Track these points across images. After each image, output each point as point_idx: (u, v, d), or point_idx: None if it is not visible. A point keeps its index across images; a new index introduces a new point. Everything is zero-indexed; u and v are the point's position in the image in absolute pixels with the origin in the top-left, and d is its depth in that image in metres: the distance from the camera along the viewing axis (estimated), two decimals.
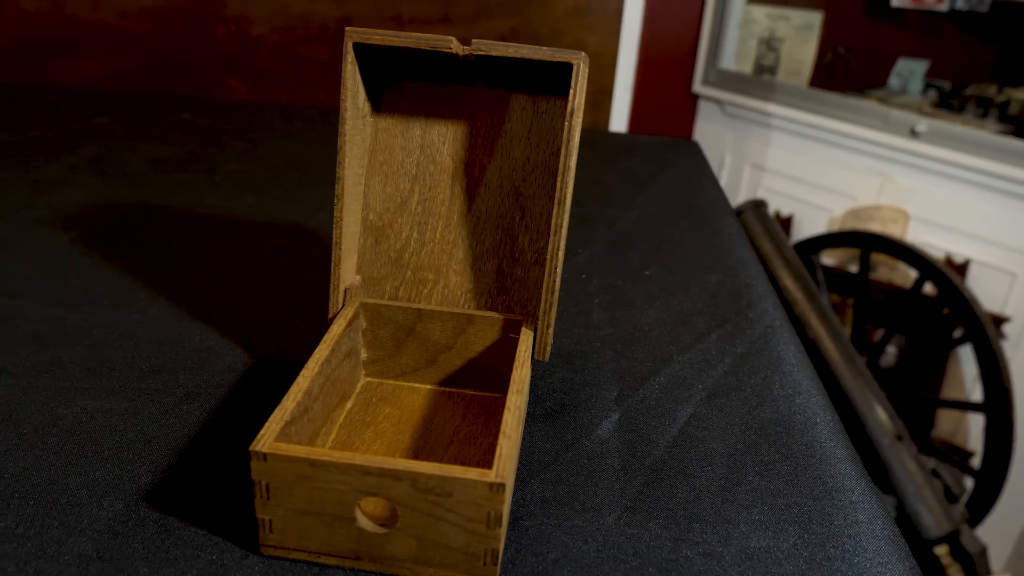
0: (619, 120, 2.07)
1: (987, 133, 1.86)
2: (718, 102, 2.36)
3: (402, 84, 0.49)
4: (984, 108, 2.07)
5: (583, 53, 0.44)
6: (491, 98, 0.49)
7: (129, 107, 1.12)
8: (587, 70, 0.45)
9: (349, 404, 0.49)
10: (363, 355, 0.51)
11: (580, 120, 0.44)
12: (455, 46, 0.44)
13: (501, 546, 0.37)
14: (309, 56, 1.57)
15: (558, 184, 0.45)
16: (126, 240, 0.72)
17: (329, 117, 1.17)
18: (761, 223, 1.83)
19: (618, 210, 0.87)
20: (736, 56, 2.40)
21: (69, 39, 1.54)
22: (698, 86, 2.39)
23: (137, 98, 1.16)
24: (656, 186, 0.95)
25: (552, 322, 0.48)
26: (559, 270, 0.46)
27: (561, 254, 0.46)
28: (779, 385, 0.56)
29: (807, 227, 2.21)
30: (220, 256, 0.70)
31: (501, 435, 0.37)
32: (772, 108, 2.21)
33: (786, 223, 2.24)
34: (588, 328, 0.62)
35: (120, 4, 1.48)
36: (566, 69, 0.44)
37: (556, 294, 0.47)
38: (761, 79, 2.33)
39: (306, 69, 1.58)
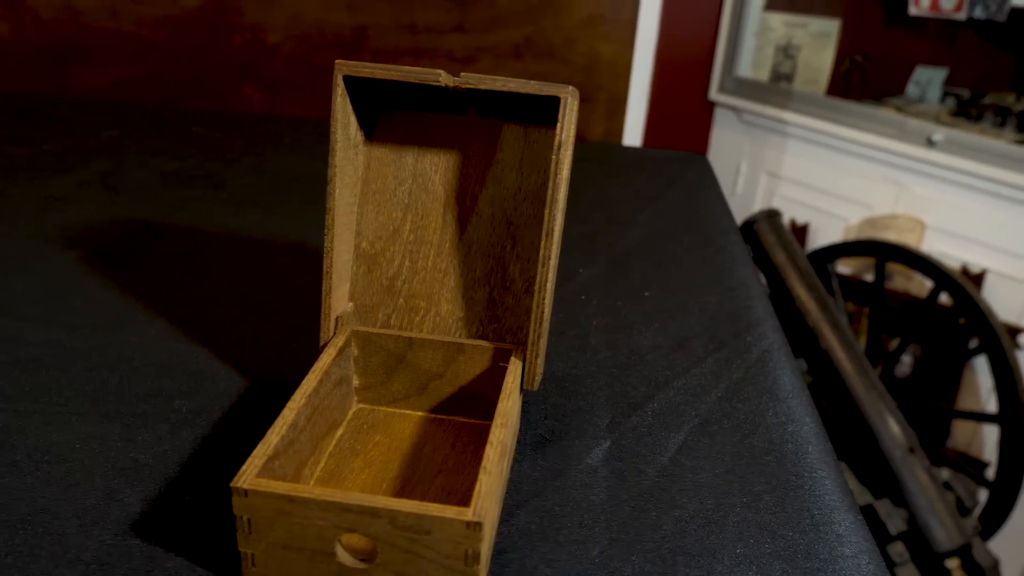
0: (634, 129, 2.06)
1: (1004, 143, 1.84)
2: (735, 110, 2.36)
3: (395, 113, 0.49)
4: (1002, 117, 2.05)
5: (571, 87, 0.44)
6: (483, 127, 0.49)
7: (140, 120, 1.13)
8: (576, 103, 0.45)
9: (340, 431, 0.49)
10: (355, 382, 0.51)
11: (569, 152, 0.45)
12: (444, 79, 0.44)
13: None
14: (324, 65, 1.58)
15: (546, 215, 0.45)
16: (130, 258, 0.73)
17: None
18: (775, 233, 1.83)
19: (622, 227, 0.87)
20: (753, 64, 2.39)
21: (86, 48, 1.56)
22: (714, 94, 2.39)
23: (149, 111, 1.17)
24: (662, 202, 0.95)
25: (541, 352, 0.48)
26: (547, 301, 0.46)
27: (550, 285, 0.46)
28: (772, 412, 0.56)
29: (823, 236, 2.19)
30: (222, 275, 0.71)
31: (481, 471, 0.38)
32: (789, 116, 2.20)
33: (802, 232, 2.23)
34: (585, 351, 0.62)
35: (137, 12, 1.49)
36: (557, 101, 0.44)
37: (545, 324, 0.47)
38: (778, 87, 2.33)
39: (320, 78, 1.59)
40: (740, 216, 1.89)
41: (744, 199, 2.37)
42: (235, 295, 0.67)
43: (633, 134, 2.01)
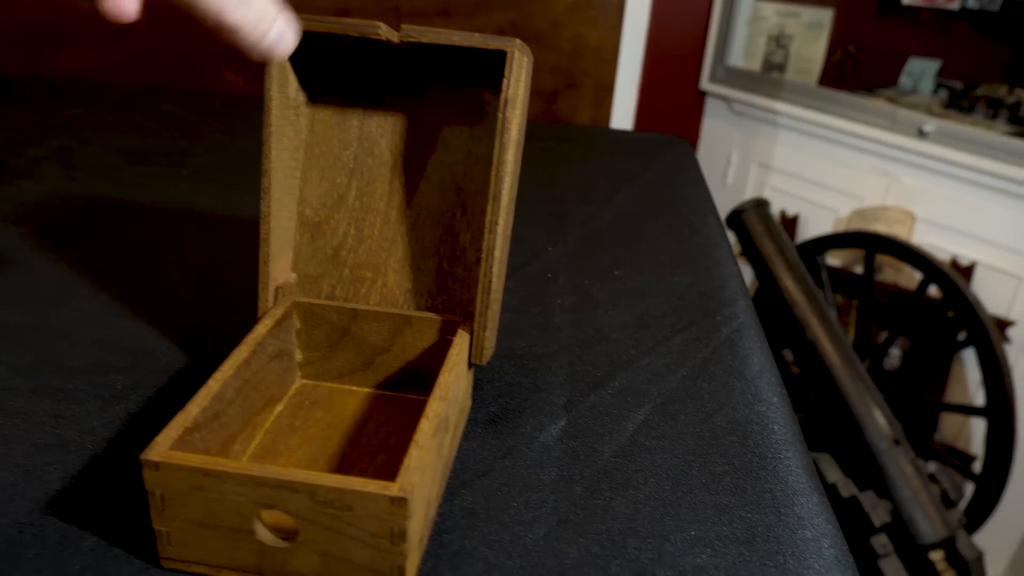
0: (624, 116, 2.04)
1: (996, 134, 1.82)
2: (725, 99, 2.33)
3: (339, 74, 0.47)
4: (994, 109, 2.03)
5: (519, 41, 0.42)
6: (432, 90, 0.47)
7: (107, 99, 1.11)
8: (527, 60, 0.43)
9: (279, 408, 0.47)
10: (298, 356, 0.49)
11: (518, 112, 0.42)
12: (384, 32, 0.42)
13: (409, 562, 0.35)
14: None
15: (492, 178, 0.42)
16: (81, 234, 0.70)
17: None
18: (763, 223, 1.80)
19: (595, 208, 0.84)
20: (745, 53, 2.37)
21: (65, 29, 1.53)
22: (705, 83, 2.36)
23: (117, 90, 1.15)
24: (639, 184, 0.92)
25: (490, 324, 0.45)
26: (496, 270, 0.44)
27: (499, 253, 0.44)
28: (739, 392, 0.54)
29: (813, 227, 2.17)
30: (176, 252, 0.68)
31: (412, 445, 0.35)
32: (780, 106, 2.17)
33: (792, 223, 2.21)
34: (547, 330, 0.60)
35: None
36: (506, 60, 0.42)
37: (494, 294, 0.45)
38: (770, 77, 2.30)
39: None
40: (730, 207, 1.86)
41: (734, 190, 2.35)
42: (187, 272, 0.65)
43: (622, 123, 1.99)
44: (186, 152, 0.92)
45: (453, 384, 0.41)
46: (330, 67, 0.47)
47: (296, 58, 0.44)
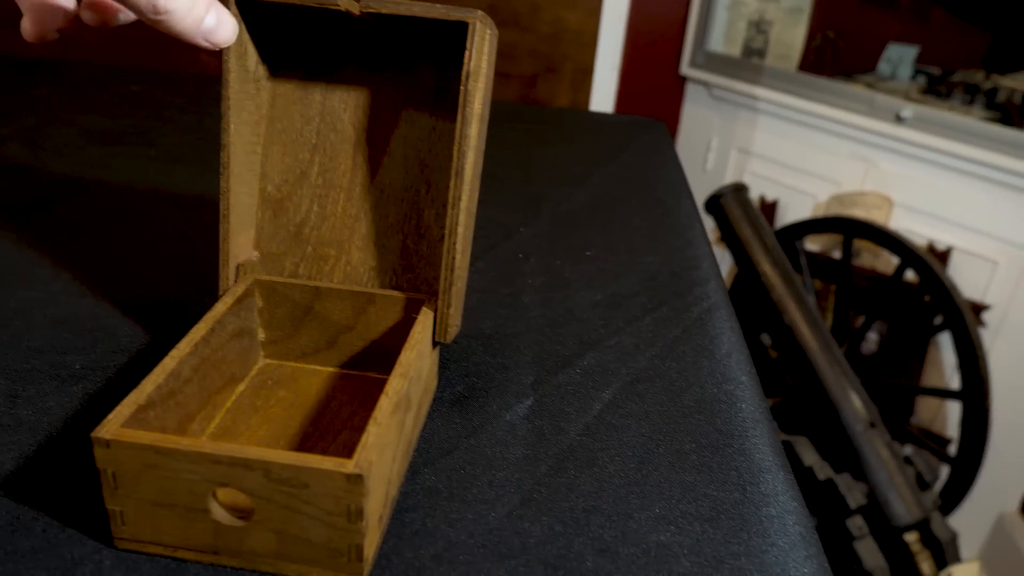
0: (603, 101, 2.03)
1: (973, 120, 1.83)
2: (706, 85, 2.33)
3: (301, 47, 0.46)
4: (971, 95, 2.04)
5: (481, 12, 0.41)
6: (395, 64, 0.46)
7: (75, 79, 1.09)
8: (491, 32, 0.42)
9: (240, 387, 0.46)
10: (260, 335, 0.48)
11: (481, 85, 0.41)
12: (344, 2, 0.41)
13: (367, 541, 0.34)
14: None
15: (454, 154, 0.42)
16: (43, 214, 0.69)
17: None
18: (741, 207, 1.81)
19: (569, 189, 0.84)
20: (724, 38, 2.36)
21: None
22: (686, 68, 2.36)
23: (86, 69, 1.13)
24: (613, 165, 0.92)
25: (454, 301, 0.45)
26: (460, 247, 0.43)
27: (462, 230, 0.43)
28: (707, 371, 0.53)
29: (792, 212, 2.18)
30: (141, 232, 0.67)
31: (371, 421, 0.35)
32: (760, 92, 2.17)
33: (771, 208, 2.21)
34: (516, 310, 0.59)
35: None
36: (467, 31, 0.41)
37: (458, 272, 0.44)
38: (749, 62, 2.30)
39: None
40: (710, 192, 1.86)
41: (714, 175, 2.35)
42: (152, 252, 0.64)
43: (602, 107, 1.98)
44: (155, 132, 0.91)
45: (415, 362, 0.41)
46: (291, 40, 0.46)
47: (255, 30, 0.43)
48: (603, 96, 1.99)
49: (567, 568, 0.37)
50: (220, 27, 0.39)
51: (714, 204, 1.81)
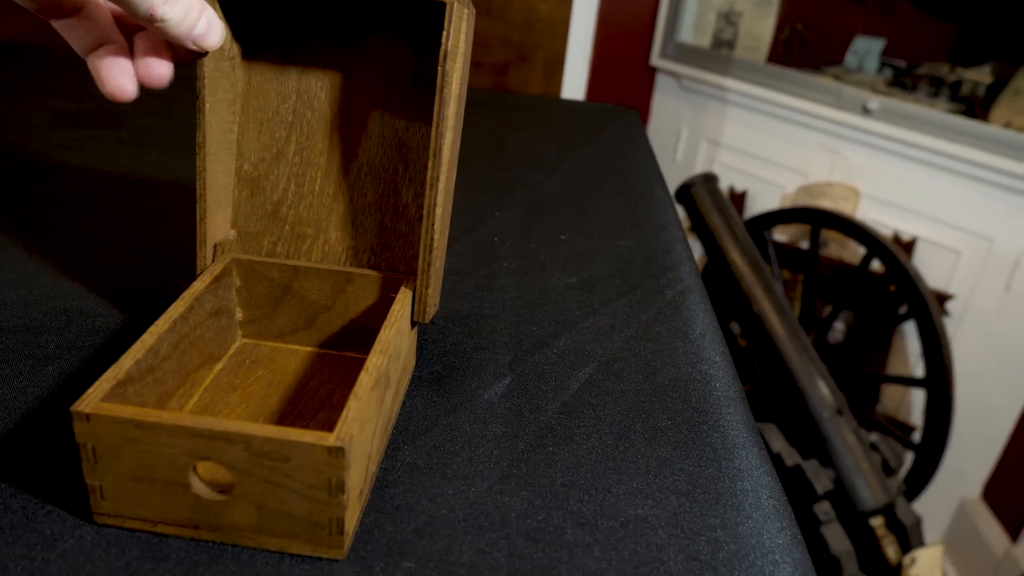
0: (574, 91, 2.04)
1: (937, 112, 1.86)
2: (675, 76, 2.34)
3: (276, 26, 0.46)
4: (936, 88, 2.07)
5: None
6: (372, 43, 0.46)
7: (43, 62, 1.07)
8: (468, 12, 0.42)
9: (219, 366, 0.46)
10: (239, 315, 0.48)
11: (459, 65, 0.42)
12: None
13: (348, 514, 0.34)
14: None
15: (432, 134, 0.42)
16: (11, 196, 0.68)
17: None
18: (711, 197, 1.82)
19: (542, 174, 0.84)
20: (694, 30, 2.38)
21: None
22: (656, 59, 2.37)
23: (54, 53, 1.11)
24: (586, 151, 0.92)
25: (432, 281, 0.45)
26: (438, 227, 0.44)
27: (440, 210, 0.43)
28: (682, 351, 0.54)
29: (760, 203, 2.20)
30: (112, 214, 0.67)
31: (351, 396, 0.35)
32: (729, 83, 2.19)
33: (740, 199, 2.23)
34: (492, 292, 0.60)
35: None
36: (445, 11, 0.41)
37: (436, 252, 0.44)
38: (719, 53, 2.32)
39: None
40: (679, 183, 1.87)
41: (684, 166, 2.37)
42: (126, 234, 0.63)
43: (573, 97, 1.98)
44: (125, 116, 0.90)
45: (394, 339, 0.41)
46: (266, 18, 0.45)
47: (229, 8, 0.43)
48: (574, 86, 1.99)
49: (547, 540, 0.37)
50: (210, 31, 0.40)
51: (684, 194, 1.82)
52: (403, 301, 0.44)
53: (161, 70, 0.41)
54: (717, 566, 0.37)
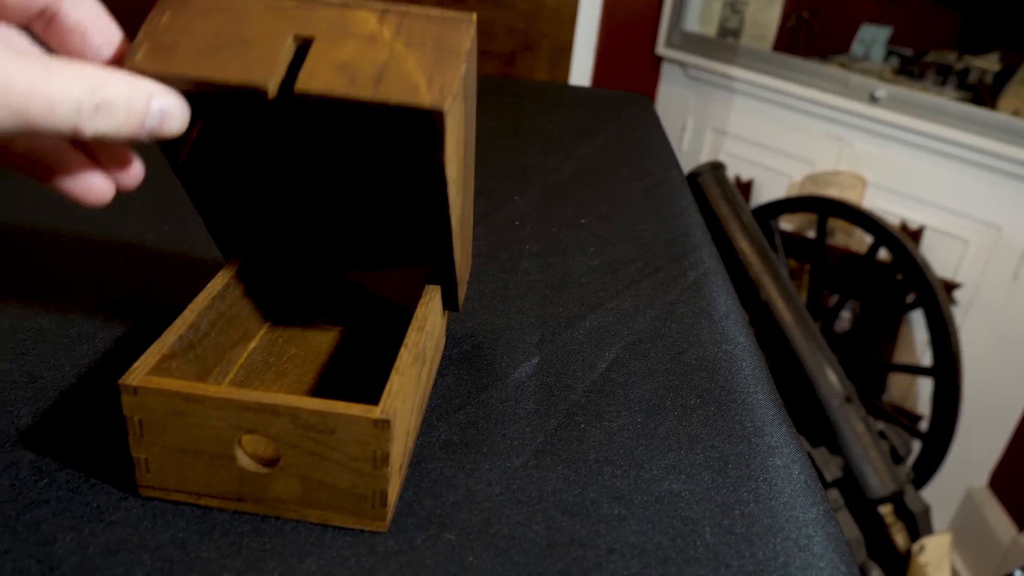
0: (581, 80, 2.04)
1: (945, 100, 1.86)
2: (681, 64, 2.34)
3: None
4: (944, 76, 2.07)
5: (446, 103, 0.33)
6: None
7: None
8: (472, 28, 0.38)
9: (252, 344, 0.46)
10: (271, 295, 0.48)
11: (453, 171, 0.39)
12: (273, 86, 0.32)
13: (391, 487, 0.35)
14: None
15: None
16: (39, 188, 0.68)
17: None
18: (719, 186, 1.82)
19: (559, 159, 0.84)
20: (700, 18, 2.37)
21: None
22: (661, 48, 2.37)
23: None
24: (601, 137, 0.93)
25: (463, 272, 0.45)
26: (456, 217, 0.44)
27: (458, 209, 0.43)
28: (707, 332, 0.54)
29: (767, 192, 2.20)
30: (142, 206, 0.67)
31: (393, 371, 0.35)
32: (735, 72, 2.19)
33: (746, 188, 2.24)
34: (516, 274, 0.60)
35: None
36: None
37: (463, 243, 0.44)
38: (725, 42, 2.31)
39: None
40: (685, 172, 1.88)
41: (690, 155, 2.37)
42: (151, 223, 0.64)
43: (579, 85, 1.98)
44: None
45: (430, 316, 0.41)
46: None
47: None
48: (580, 75, 1.99)
49: (584, 514, 0.38)
50: (165, 121, 0.32)
51: (692, 182, 1.82)
52: (434, 287, 0.44)
53: (128, 178, 0.35)
54: (752, 539, 0.37)
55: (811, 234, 2.07)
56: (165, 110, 0.31)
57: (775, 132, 2.16)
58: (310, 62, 0.32)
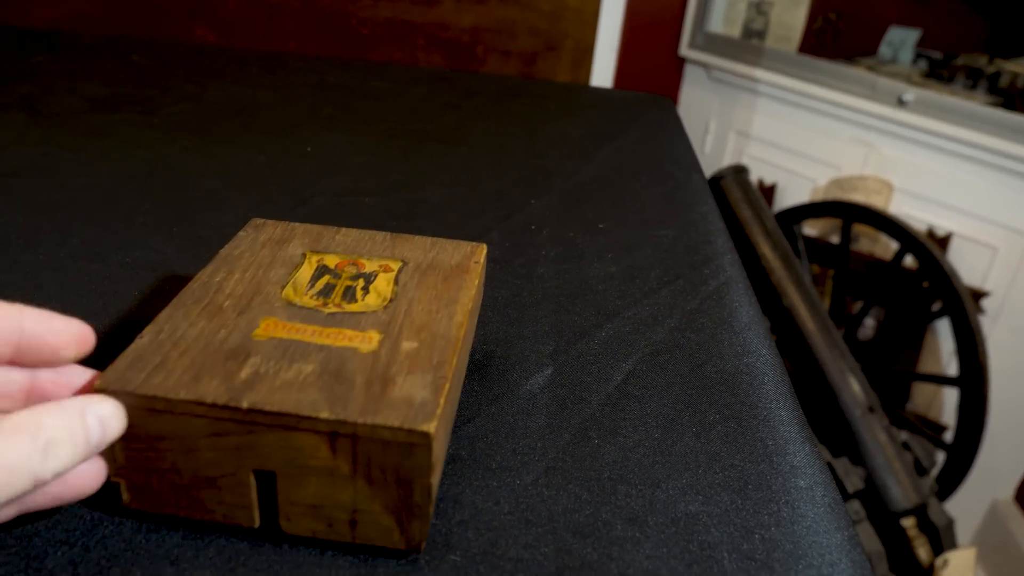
0: (603, 81, 2.01)
1: (975, 104, 1.82)
2: (704, 66, 2.31)
3: None
4: (974, 79, 2.03)
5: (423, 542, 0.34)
6: None
7: (74, 48, 1.07)
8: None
9: None
10: None
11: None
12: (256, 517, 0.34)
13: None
14: (279, 5, 1.51)
15: None
16: (44, 178, 0.67)
17: (288, 64, 1.12)
18: (741, 189, 1.80)
19: (578, 162, 0.82)
20: (724, 19, 2.35)
21: None
22: (685, 49, 2.34)
23: (85, 39, 1.11)
24: (621, 140, 0.91)
25: None
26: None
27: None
28: (728, 343, 0.52)
29: (790, 197, 2.17)
30: (145, 197, 0.66)
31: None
32: (759, 74, 2.16)
33: (769, 192, 2.21)
34: (530, 280, 0.58)
35: None
36: None
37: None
38: (749, 44, 2.28)
39: (276, 19, 1.53)
40: (708, 175, 1.85)
41: (712, 158, 2.34)
42: (156, 217, 0.62)
43: (601, 86, 1.96)
44: (156, 101, 0.89)
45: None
46: None
47: None
48: (602, 76, 1.97)
49: (596, 536, 0.36)
50: (106, 433, 0.31)
51: (714, 185, 1.80)
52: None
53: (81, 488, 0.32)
54: (773, 565, 0.35)
55: (835, 239, 2.04)
56: (102, 417, 0.31)
57: (800, 135, 2.13)
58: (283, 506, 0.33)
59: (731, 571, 0.35)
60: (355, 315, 0.37)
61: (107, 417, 0.31)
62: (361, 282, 0.40)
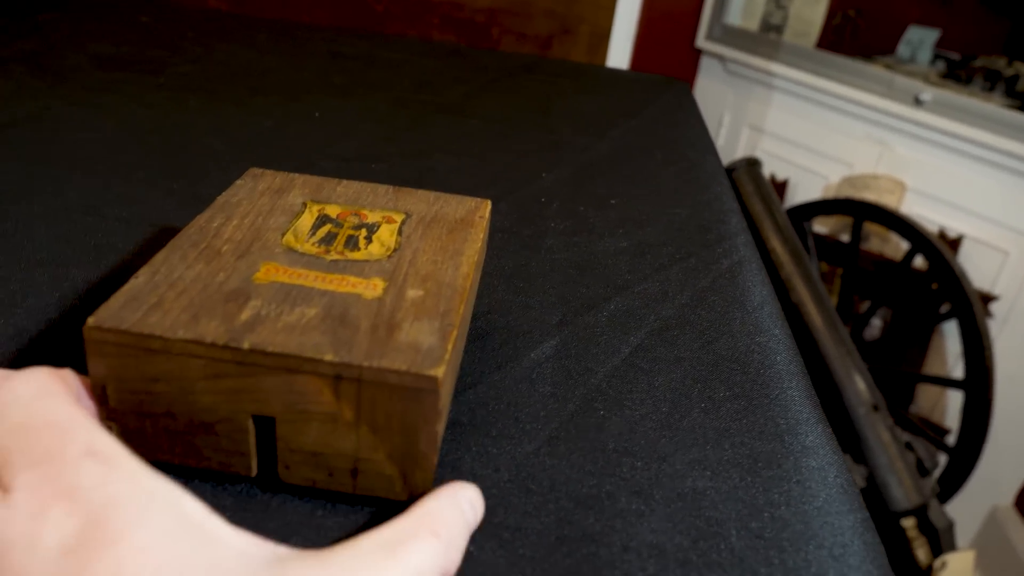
0: (618, 67, 2.00)
1: (993, 106, 1.80)
2: (721, 58, 2.29)
3: None
4: (992, 81, 2.00)
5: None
6: None
7: (82, 6, 1.05)
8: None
9: None
10: None
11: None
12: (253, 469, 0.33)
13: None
14: None
15: None
16: (46, 132, 0.66)
17: (298, 33, 1.10)
18: (754, 182, 1.77)
19: (591, 139, 0.81)
20: (743, 12, 2.32)
21: None
22: (701, 41, 2.32)
23: None
24: (636, 119, 0.89)
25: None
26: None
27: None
28: (740, 322, 0.51)
29: (802, 193, 2.15)
30: (148, 154, 0.64)
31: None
32: (775, 68, 2.13)
33: (781, 188, 2.18)
34: (539, 252, 0.57)
35: None
36: None
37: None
38: (767, 37, 2.26)
39: None
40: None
41: (725, 152, 2.32)
42: (160, 173, 0.61)
43: None
44: (164, 62, 0.88)
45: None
46: None
47: None
48: (618, 62, 1.95)
49: (599, 507, 0.34)
50: None
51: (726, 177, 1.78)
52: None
53: None
54: (783, 545, 0.34)
55: (845, 238, 2.02)
56: (472, 501, 0.32)
57: (814, 132, 2.11)
58: (282, 453, 0.32)
59: (739, 548, 0.33)
60: (358, 263, 0.35)
61: (475, 499, 0.32)
62: (364, 232, 0.38)
